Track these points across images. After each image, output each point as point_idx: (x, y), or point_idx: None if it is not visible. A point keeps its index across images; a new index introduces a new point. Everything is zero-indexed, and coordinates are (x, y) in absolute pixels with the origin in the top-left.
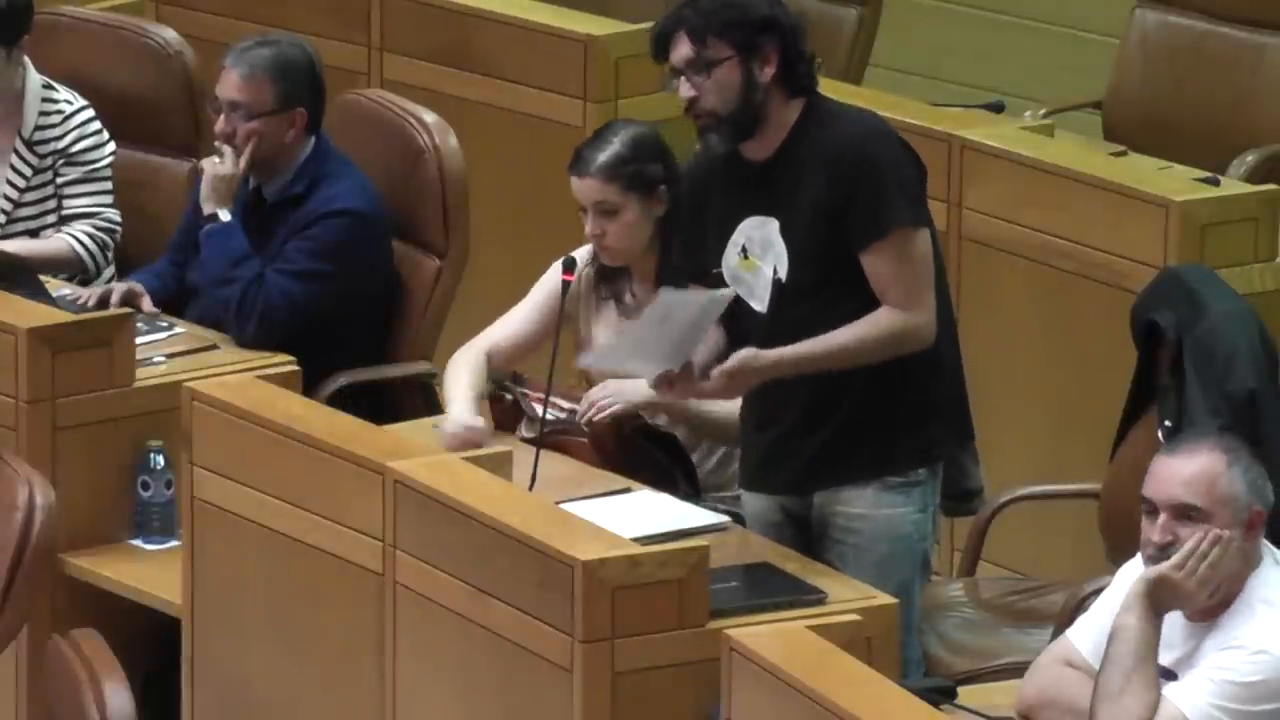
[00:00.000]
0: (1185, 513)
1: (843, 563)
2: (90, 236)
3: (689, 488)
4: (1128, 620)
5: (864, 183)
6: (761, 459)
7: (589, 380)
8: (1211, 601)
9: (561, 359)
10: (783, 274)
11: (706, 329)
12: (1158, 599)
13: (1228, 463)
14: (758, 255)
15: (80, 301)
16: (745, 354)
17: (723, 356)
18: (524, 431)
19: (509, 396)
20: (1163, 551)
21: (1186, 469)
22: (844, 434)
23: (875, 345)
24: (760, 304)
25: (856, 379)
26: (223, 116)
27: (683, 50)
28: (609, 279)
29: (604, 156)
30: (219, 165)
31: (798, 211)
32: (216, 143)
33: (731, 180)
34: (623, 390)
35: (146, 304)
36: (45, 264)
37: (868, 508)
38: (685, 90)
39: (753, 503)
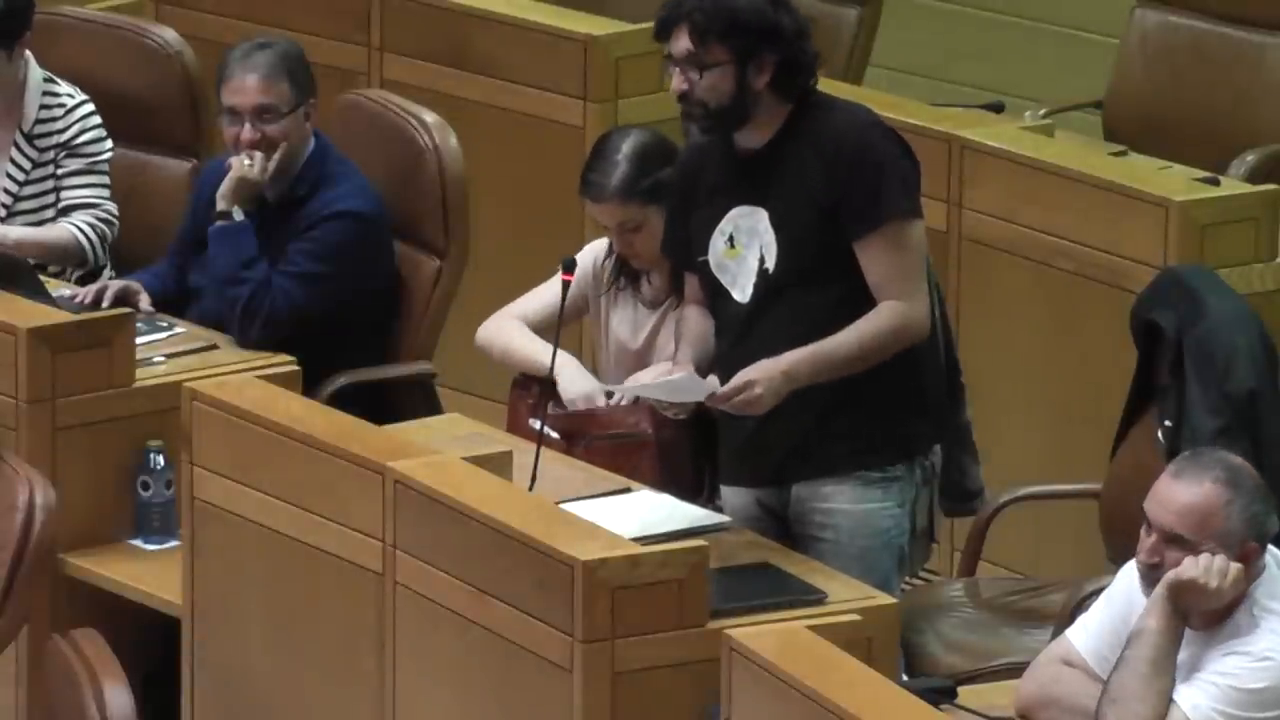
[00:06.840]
0: (1174, 539)
1: (820, 558)
2: (91, 227)
3: (710, 475)
4: (1149, 624)
5: (861, 173)
6: (740, 450)
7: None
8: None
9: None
10: (770, 264)
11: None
12: (1181, 601)
13: (1225, 500)
14: (743, 244)
15: (78, 300)
16: (765, 364)
17: (709, 357)
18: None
19: (536, 388)
20: (1152, 571)
21: (1183, 497)
22: (823, 425)
23: (886, 341)
24: (742, 294)
25: None
26: (247, 125)
27: (683, 43)
28: (627, 269)
29: (615, 179)
30: (249, 168)
31: (790, 201)
32: (244, 153)
33: (723, 169)
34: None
35: (144, 301)
36: (47, 251)
37: (845, 503)
38: (678, 82)
39: (732, 499)
